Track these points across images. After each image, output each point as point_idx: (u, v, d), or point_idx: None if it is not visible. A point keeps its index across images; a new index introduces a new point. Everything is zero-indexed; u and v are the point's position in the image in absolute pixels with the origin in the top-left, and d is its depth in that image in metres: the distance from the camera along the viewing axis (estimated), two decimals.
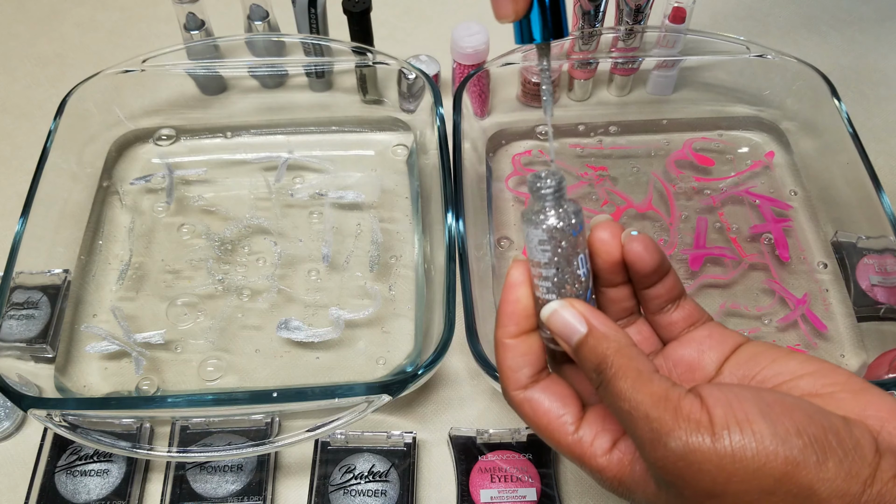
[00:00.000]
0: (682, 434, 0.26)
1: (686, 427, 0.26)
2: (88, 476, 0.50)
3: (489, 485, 0.50)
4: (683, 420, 0.26)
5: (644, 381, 0.28)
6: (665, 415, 0.27)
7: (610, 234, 0.33)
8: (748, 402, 0.27)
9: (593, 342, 0.30)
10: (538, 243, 0.32)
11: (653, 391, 0.28)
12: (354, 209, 0.64)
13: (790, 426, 0.26)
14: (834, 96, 0.62)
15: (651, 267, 0.33)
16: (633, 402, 0.28)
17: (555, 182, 0.32)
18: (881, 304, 0.56)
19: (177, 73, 0.68)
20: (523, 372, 0.32)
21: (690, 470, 0.26)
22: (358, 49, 0.65)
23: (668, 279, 0.34)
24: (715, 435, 0.26)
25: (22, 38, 0.80)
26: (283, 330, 0.56)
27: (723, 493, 0.26)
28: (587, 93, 0.72)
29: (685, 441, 0.26)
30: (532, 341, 0.33)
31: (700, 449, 0.26)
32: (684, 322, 0.34)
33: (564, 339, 0.31)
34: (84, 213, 0.63)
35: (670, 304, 0.34)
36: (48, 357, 0.55)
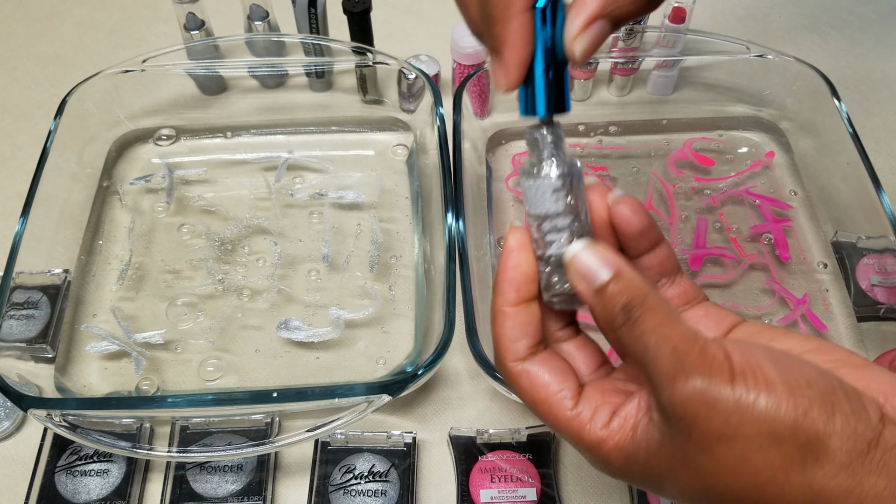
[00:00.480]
0: (706, 371, 0.26)
1: (710, 366, 0.26)
2: (88, 476, 0.50)
3: (489, 485, 0.50)
4: (709, 359, 0.27)
5: (674, 321, 0.28)
6: (693, 351, 0.27)
7: (599, 194, 0.33)
8: (760, 354, 0.27)
9: (622, 284, 0.29)
10: (552, 192, 0.31)
11: (682, 330, 0.28)
12: (354, 209, 0.64)
13: (801, 378, 0.26)
14: (834, 96, 0.62)
15: (637, 228, 0.32)
16: (662, 336, 0.28)
17: (556, 132, 0.32)
18: (881, 304, 0.56)
19: (177, 73, 0.68)
20: (522, 343, 0.32)
21: (707, 408, 0.26)
22: (358, 49, 0.65)
23: (660, 250, 0.33)
24: (735, 378, 0.26)
25: (22, 38, 0.80)
26: (283, 330, 0.56)
27: (733, 437, 0.26)
28: (587, 93, 0.72)
29: (708, 378, 0.26)
30: (532, 310, 0.32)
31: (719, 390, 0.26)
32: (679, 300, 0.34)
33: (589, 278, 0.30)
34: (84, 213, 0.63)
35: (665, 278, 0.34)
36: (48, 357, 0.55)
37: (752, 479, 0.26)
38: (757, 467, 0.26)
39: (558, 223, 0.31)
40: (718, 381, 0.26)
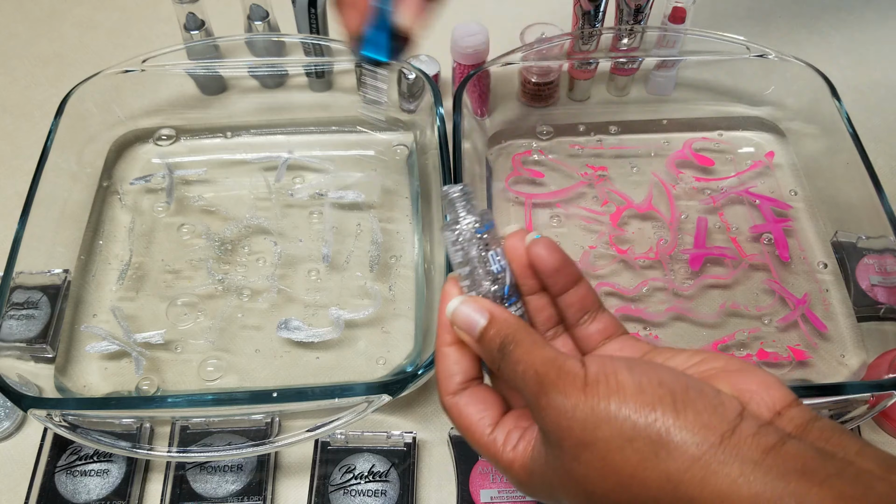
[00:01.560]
0: (561, 385, 0.29)
1: (565, 380, 0.29)
2: (88, 476, 0.50)
3: (489, 485, 0.50)
4: (564, 374, 0.30)
5: (538, 347, 0.32)
6: (551, 371, 0.30)
7: (518, 238, 0.36)
8: (618, 363, 0.30)
9: (496, 328, 0.33)
10: (451, 245, 0.35)
11: (544, 354, 0.31)
12: (354, 209, 0.64)
13: (653, 379, 0.29)
14: (834, 96, 0.62)
15: (552, 265, 0.35)
16: (527, 363, 0.31)
17: (460, 189, 0.36)
18: (881, 304, 0.56)
19: (177, 73, 0.68)
20: (454, 378, 0.35)
21: (566, 418, 0.29)
22: None
23: (579, 288, 0.36)
24: (587, 387, 0.29)
25: (22, 38, 0.80)
26: (283, 330, 0.56)
27: (593, 441, 0.28)
28: (587, 93, 0.72)
29: (562, 391, 0.29)
30: (465, 351, 0.35)
31: (574, 398, 0.29)
32: (600, 335, 0.36)
33: (468, 331, 0.34)
34: (84, 213, 0.63)
35: (586, 315, 0.36)
36: (48, 357, 0.55)
37: (617, 478, 0.28)
38: (618, 466, 0.28)
39: (463, 272, 0.35)
40: (573, 392, 0.29)
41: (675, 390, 0.28)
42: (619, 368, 0.29)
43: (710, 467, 0.26)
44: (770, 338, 0.56)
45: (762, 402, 0.29)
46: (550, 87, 0.69)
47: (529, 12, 0.79)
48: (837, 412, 0.48)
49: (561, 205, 0.64)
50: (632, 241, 0.62)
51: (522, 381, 0.31)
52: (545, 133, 0.69)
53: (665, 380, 0.28)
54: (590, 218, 0.63)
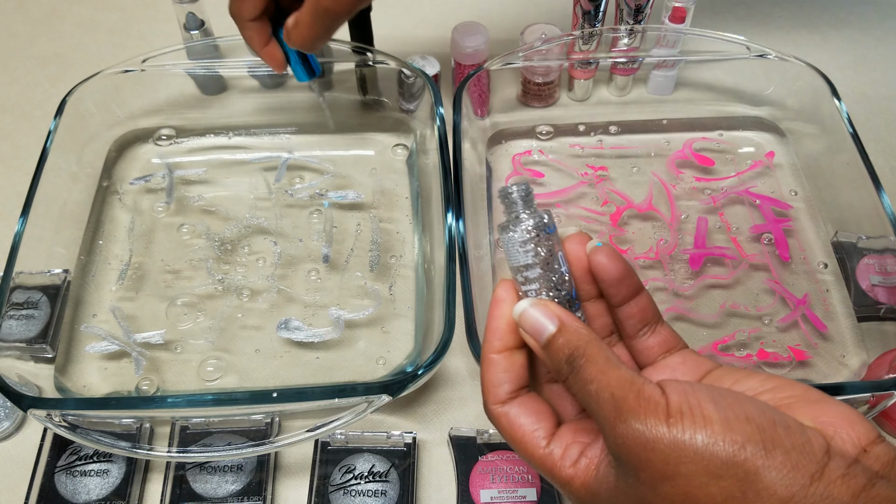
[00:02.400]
0: (642, 414, 0.28)
1: (646, 408, 0.28)
2: (88, 476, 0.50)
3: (489, 485, 0.50)
4: (644, 402, 0.28)
5: (612, 367, 0.30)
6: (629, 395, 0.29)
7: (578, 242, 0.35)
8: (702, 393, 0.28)
9: (566, 336, 0.31)
10: (520, 245, 0.33)
11: (620, 375, 0.30)
12: (354, 209, 0.64)
13: (740, 413, 0.27)
14: (834, 96, 0.62)
15: (615, 276, 0.34)
16: (602, 383, 0.29)
17: (524, 188, 0.34)
18: (881, 304, 0.56)
19: (177, 73, 0.68)
20: (503, 387, 0.34)
21: (646, 450, 0.27)
22: (358, 49, 0.65)
23: (640, 299, 0.35)
24: (670, 418, 0.27)
25: (22, 38, 0.80)
26: (283, 330, 0.56)
27: (674, 475, 0.27)
28: (587, 93, 0.72)
29: (644, 420, 0.28)
30: (515, 358, 0.34)
31: (656, 429, 0.27)
32: (660, 348, 0.35)
33: (535, 335, 0.32)
34: (84, 213, 0.63)
35: (645, 327, 0.35)
36: (48, 357, 0.55)
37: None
38: (701, 503, 0.27)
39: (530, 275, 0.33)
40: (654, 422, 0.27)
41: (764, 426, 0.27)
42: (703, 400, 0.28)
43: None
44: (770, 338, 0.56)
45: (847, 438, 0.28)
46: (550, 87, 0.69)
47: (529, 12, 0.80)
48: None
49: (561, 205, 0.64)
50: (632, 241, 0.62)
51: (596, 403, 0.29)
52: (545, 133, 0.69)
53: (752, 415, 0.27)
54: (590, 218, 0.63)
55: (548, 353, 0.32)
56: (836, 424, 0.28)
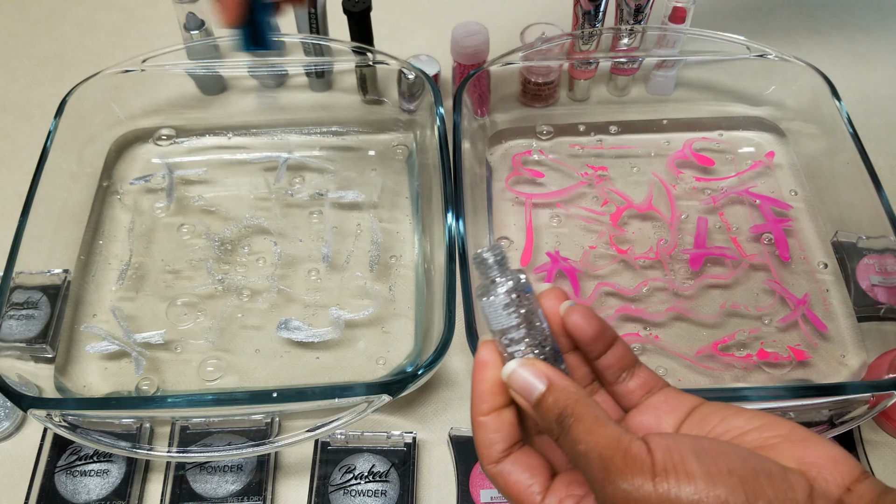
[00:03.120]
0: (629, 473, 0.28)
1: (633, 468, 0.28)
2: (88, 476, 0.50)
3: (489, 485, 0.50)
4: (631, 461, 0.29)
5: (600, 426, 0.30)
6: (616, 455, 0.29)
7: (554, 299, 0.35)
8: (684, 447, 0.29)
9: (554, 396, 0.32)
10: (502, 309, 0.34)
11: (607, 434, 0.30)
12: (354, 209, 0.64)
13: (722, 467, 0.28)
14: (834, 96, 0.62)
15: (591, 335, 0.34)
16: (590, 444, 0.30)
17: (498, 252, 0.35)
18: (881, 304, 0.56)
19: (177, 73, 0.68)
20: (496, 447, 0.34)
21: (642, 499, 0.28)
22: (358, 49, 0.65)
23: (616, 348, 0.35)
24: (656, 476, 0.28)
25: (22, 38, 0.80)
26: (283, 330, 0.56)
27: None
28: (587, 93, 0.72)
29: (631, 480, 0.28)
30: (503, 417, 0.34)
31: (643, 489, 0.28)
32: (641, 390, 0.36)
33: (524, 395, 0.33)
34: (84, 213, 0.63)
35: (624, 372, 0.36)
36: (48, 357, 0.55)
37: None
38: None
39: (514, 336, 0.34)
40: (641, 481, 0.28)
41: (746, 478, 0.27)
42: (686, 454, 0.28)
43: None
44: (770, 338, 0.56)
45: (830, 478, 0.28)
46: (550, 87, 0.69)
47: (529, 12, 0.80)
48: (837, 412, 0.48)
49: (561, 205, 0.64)
50: (632, 241, 0.62)
51: (585, 462, 0.30)
52: (545, 133, 0.69)
53: (734, 467, 0.28)
54: (590, 218, 0.63)
55: (538, 413, 0.32)
56: (819, 465, 0.29)
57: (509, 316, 0.34)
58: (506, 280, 0.34)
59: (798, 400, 0.47)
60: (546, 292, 0.35)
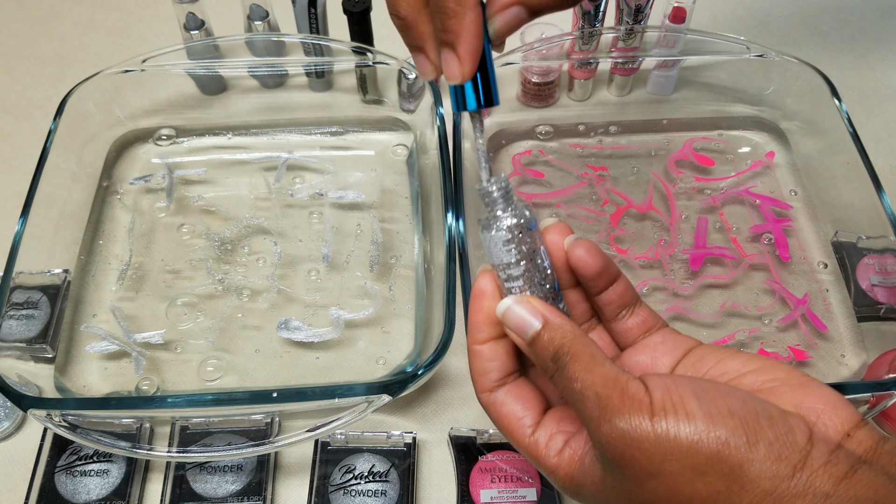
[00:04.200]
0: (626, 412, 0.28)
1: (630, 406, 0.28)
2: (88, 476, 0.50)
3: (489, 485, 0.50)
4: (629, 400, 0.28)
5: (597, 364, 0.30)
6: (613, 394, 0.28)
7: (559, 234, 0.35)
8: (684, 387, 0.28)
9: (550, 334, 0.31)
10: (503, 244, 0.33)
11: (604, 373, 0.29)
12: (354, 209, 0.64)
13: (722, 408, 0.27)
14: (834, 96, 0.62)
15: (594, 270, 0.34)
16: (586, 382, 0.29)
17: (503, 184, 0.34)
18: (881, 304, 0.56)
19: (177, 73, 0.68)
20: (490, 376, 0.34)
21: (631, 448, 0.28)
22: (358, 49, 0.65)
23: (618, 285, 0.35)
24: (654, 416, 0.27)
25: (22, 38, 0.80)
26: (283, 330, 0.56)
27: (659, 472, 0.27)
28: (587, 93, 0.72)
29: (628, 419, 0.28)
30: (499, 347, 0.34)
31: (640, 427, 0.27)
32: (639, 329, 0.35)
33: (519, 334, 0.32)
34: (84, 213, 0.63)
35: (624, 310, 0.35)
36: (48, 357, 0.55)
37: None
38: (686, 498, 0.27)
39: (513, 272, 0.33)
40: (639, 420, 0.27)
41: (747, 419, 0.27)
42: (685, 395, 0.28)
43: (783, 501, 0.26)
44: (770, 338, 0.56)
45: (829, 423, 0.28)
46: (550, 87, 0.69)
47: None
48: None
49: (561, 205, 0.64)
50: (632, 241, 0.62)
51: (580, 401, 0.30)
52: (545, 133, 0.69)
53: (735, 408, 0.27)
54: (590, 218, 0.63)
55: (533, 351, 0.32)
56: (819, 410, 0.28)
57: (509, 252, 0.33)
58: (510, 215, 0.33)
59: None
60: (551, 227, 0.35)
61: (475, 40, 0.33)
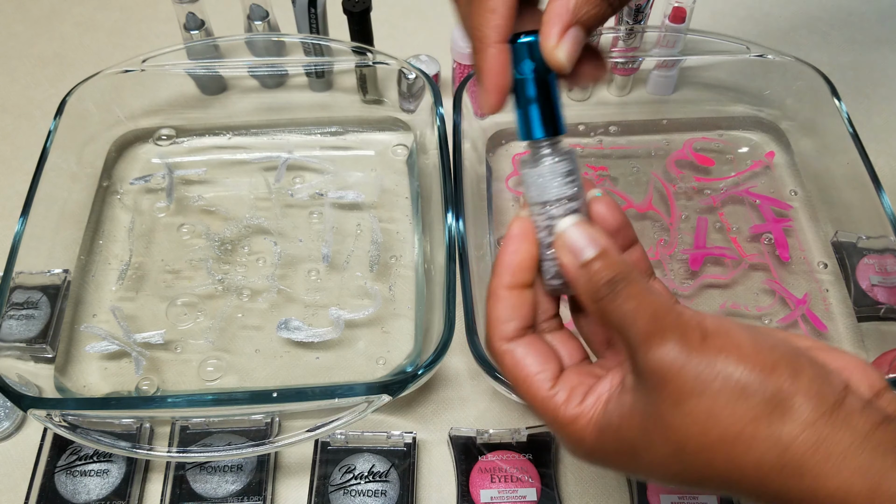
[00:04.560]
0: (680, 331, 0.28)
1: (684, 327, 0.29)
2: (88, 476, 0.50)
3: (489, 485, 0.50)
4: (683, 322, 0.29)
5: (651, 293, 0.30)
6: (669, 315, 0.29)
7: None
8: (731, 322, 0.29)
9: (609, 260, 0.31)
10: (554, 178, 0.33)
11: (661, 299, 0.30)
12: (354, 209, 0.64)
13: (769, 341, 0.28)
14: (834, 96, 0.62)
15: (612, 226, 0.34)
16: (642, 302, 0.30)
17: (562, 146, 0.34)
18: (881, 304, 0.56)
19: (177, 73, 0.68)
20: (510, 324, 0.33)
21: (677, 365, 0.28)
22: (358, 49, 0.65)
23: (634, 251, 0.35)
24: (707, 337, 0.28)
25: (22, 38, 0.80)
26: (283, 330, 0.56)
27: (702, 392, 0.27)
28: (587, 93, 0.72)
29: (681, 338, 0.28)
30: (525, 297, 0.34)
31: (692, 347, 0.28)
32: None
33: (575, 254, 0.32)
34: (84, 213, 0.63)
35: None
36: (48, 357, 0.55)
37: (720, 433, 0.27)
38: (726, 421, 0.27)
39: (556, 211, 0.33)
40: (691, 340, 0.28)
41: (790, 356, 0.28)
42: (733, 327, 0.29)
43: (822, 433, 0.26)
44: None
45: (861, 381, 0.29)
46: None
47: None
48: None
49: None
50: None
51: (632, 319, 0.29)
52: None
53: (777, 345, 0.28)
54: None
55: (586, 273, 0.31)
56: (850, 370, 0.29)
57: (560, 187, 0.33)
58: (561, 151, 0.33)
59: None
60: None
61: (495, 76, 0.34)
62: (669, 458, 0.29)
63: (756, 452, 0.27)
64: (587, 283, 0.31)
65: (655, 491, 0.50)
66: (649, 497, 0.49)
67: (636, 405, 0.29)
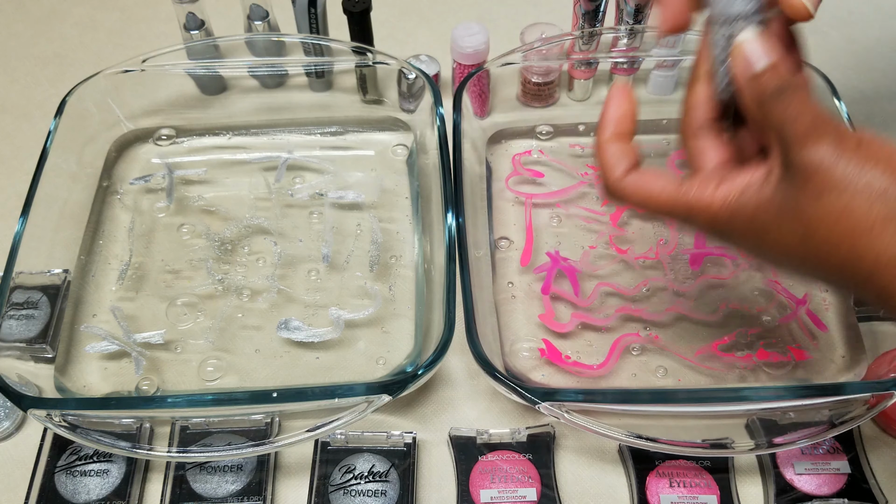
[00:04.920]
0: (839, 136, 0.31)
1: (844, 134, 0.32)
2: (88, 476, 0.50)
3: (489, 485, 0.50)
4: (843, 131, 0.32)
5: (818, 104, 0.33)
6: (831, 122, 0.32)
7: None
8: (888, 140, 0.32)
9: (783, 70, 0.34)
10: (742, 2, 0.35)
11: (825, 110, 0.33)
12: (354, 209, 0.64)
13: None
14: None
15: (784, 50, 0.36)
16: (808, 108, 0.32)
17: None
18: None
19: (177, 73, 0.68)
20: (622, 164, 0.38)
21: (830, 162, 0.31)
22: (358, 49, 0.65)
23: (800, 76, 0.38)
24: (861, 144, 0.31)
25: (22, 38, 0.80)
26: (283, 330, 0.56)
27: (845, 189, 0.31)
28: (587, 93, 0.72)
29: (838, 138, 0.31)
30: (627, 147, 0.38)
31: (847, 146, 0.31)
32: None
33: (752, 61, 0.34)
34: (84, 213, 0.63)
35: None
36: (48, 357, 0.55)
37: (853, 225, 0.31)
38: (859, 217, 0.30)
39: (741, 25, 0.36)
40: (846, 144, 0.31)
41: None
42: (889, 142, 0.31)
43: None
44: (770, 338, 0.56)
45: None
46: (550, 87, 0.69)
47: (529, 12, 0.79)
48: (837, 412, 0.48)
49: (561, 205, 0.64)
50: (632, 241, 0.62)
51: (793, 118, 0.32)
52: (545, 133, 0.69)
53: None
54: (590, 218, 0.63)
55: (755, 80, 0.34)
56: None
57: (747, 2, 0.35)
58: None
59: (798, 400, 0.47)
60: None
61: None
62: (796, 242, 0.33)
63: (878, 248, 0.30)
64: (756, 88, 0.34)
65: (655, 490, 0.50)
66: (649, 497, 0.49)
67: (776, 195, 0.33)
